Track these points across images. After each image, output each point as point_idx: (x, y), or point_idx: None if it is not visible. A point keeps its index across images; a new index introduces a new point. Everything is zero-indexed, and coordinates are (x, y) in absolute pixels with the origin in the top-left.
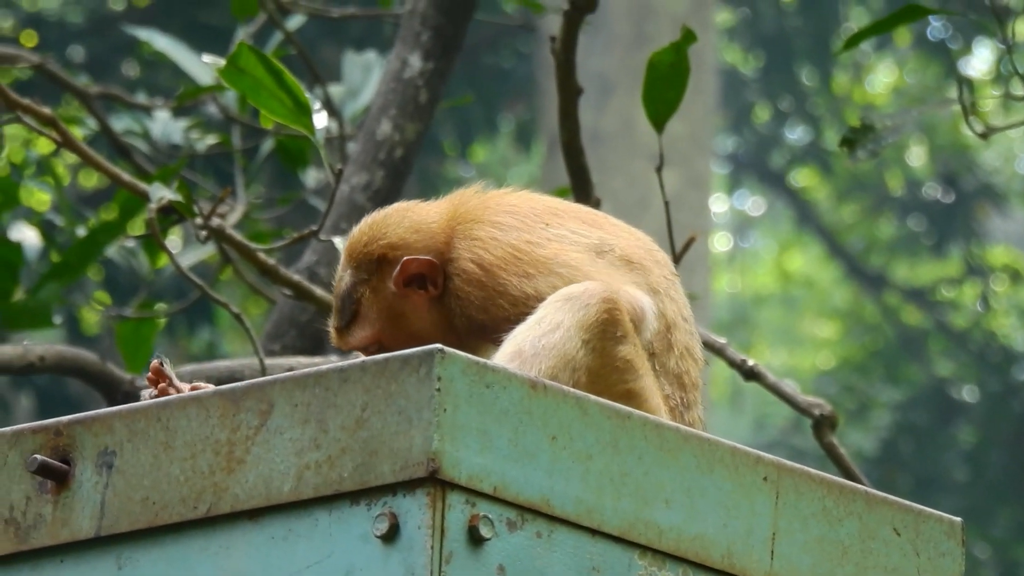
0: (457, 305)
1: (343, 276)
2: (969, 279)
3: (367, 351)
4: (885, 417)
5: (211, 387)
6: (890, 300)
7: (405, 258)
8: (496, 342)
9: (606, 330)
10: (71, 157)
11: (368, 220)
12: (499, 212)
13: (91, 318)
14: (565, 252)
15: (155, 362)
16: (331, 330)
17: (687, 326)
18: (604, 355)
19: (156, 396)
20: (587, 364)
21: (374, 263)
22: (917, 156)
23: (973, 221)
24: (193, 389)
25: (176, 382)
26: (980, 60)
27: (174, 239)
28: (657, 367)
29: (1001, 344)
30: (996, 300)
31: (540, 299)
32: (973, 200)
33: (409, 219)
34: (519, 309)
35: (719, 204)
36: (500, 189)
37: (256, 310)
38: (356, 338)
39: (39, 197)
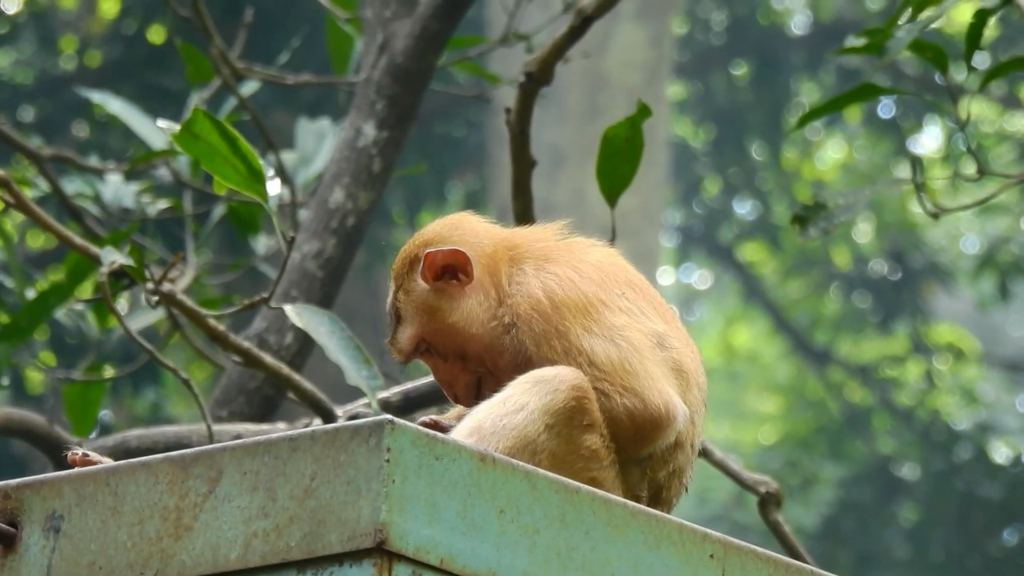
0: (514, 328)
1: (389, 292)
2: (914, 357)
3: (419, 354)
4: (828, 493)
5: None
6: (834, 376)
7: (427, 251)
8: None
9: (573, 417)
10: (18, 216)
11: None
12: (582, 261)
13: (36, 377)
14: (631, 328)
15: (78, 455)
16: (388, 347)
17: (691, 453)
18: (570, 441)
19: None
20: (550, 448)
21: (407, 264)
22: (864, 233)
23: (919, 299)
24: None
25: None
26: (930, 138)
27: (121, 302)
28: (648, 472)
29: (945, 423)
30: (940, 378)
31: (590, 360)
32: (919, 278)
33: (451, 220)
34: (566, 359)
35: (666, 277)
36: (586, 239)
37: (201, 374)
38: (403, 343)
39: None
